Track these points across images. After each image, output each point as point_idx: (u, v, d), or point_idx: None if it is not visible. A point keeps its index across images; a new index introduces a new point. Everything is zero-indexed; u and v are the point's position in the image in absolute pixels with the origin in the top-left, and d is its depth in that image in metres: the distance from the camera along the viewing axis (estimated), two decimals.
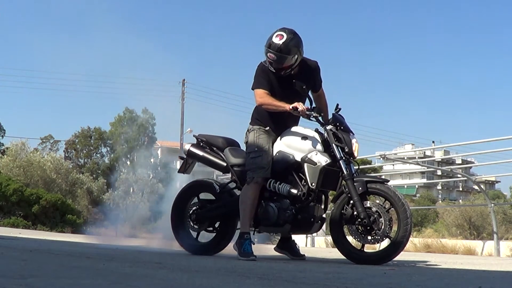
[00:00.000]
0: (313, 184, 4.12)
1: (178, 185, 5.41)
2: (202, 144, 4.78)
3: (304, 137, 4.25)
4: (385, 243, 4.08)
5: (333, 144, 4.11)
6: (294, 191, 4.19)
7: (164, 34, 69.64)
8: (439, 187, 63.09)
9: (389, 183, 4.13)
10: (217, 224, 4.63)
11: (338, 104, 4.37)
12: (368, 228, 3.95)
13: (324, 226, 5.82)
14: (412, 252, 7.90)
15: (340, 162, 4.07)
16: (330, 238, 7.95)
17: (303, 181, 4.19)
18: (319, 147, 4.19)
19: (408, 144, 54.55)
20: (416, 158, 30.10)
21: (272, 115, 4.37)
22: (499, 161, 10.02)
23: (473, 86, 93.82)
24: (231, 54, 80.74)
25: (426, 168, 25.78)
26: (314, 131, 4.29)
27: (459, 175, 11.61)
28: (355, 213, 3.98)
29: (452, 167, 12.72)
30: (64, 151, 36.74)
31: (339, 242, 4.14)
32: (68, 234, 15.70)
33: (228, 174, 4.95)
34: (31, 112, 65.90)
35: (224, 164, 4.60)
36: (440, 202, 45.79)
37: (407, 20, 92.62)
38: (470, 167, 43.18)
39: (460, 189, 65.46)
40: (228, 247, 4.50)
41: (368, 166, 16.31)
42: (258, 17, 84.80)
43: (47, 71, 72.59)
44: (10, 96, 63.50)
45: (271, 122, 4.40)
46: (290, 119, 4.34)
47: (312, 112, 4.20)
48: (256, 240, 6.49)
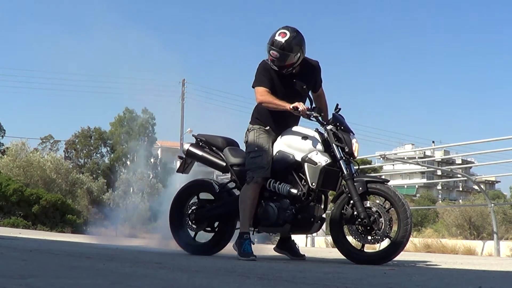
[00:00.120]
0: (313, 184, 4.12)
1: (178, 185, 5.40)
2: (201, 143, 4.76)
3: (305, 137, 4.24)
4: (385, 243, 4.08)
5: (333, 144, 4.11)
6: (294, 191, 4.18)
7: (164, 34, 69.67)
8: (439, 187, 63.10)
9: (389, 183, 4.13)
10: (216, 224, 4.62)
11: (338, 104, 4.37)
12: (368, 228, 3.95)
13: (324, 226, 5.82)
14: (412, 252, 7.90)
15: (340, 162, 4.07)
16: (330, 238, 7.94)
17: (303, 181, 4.18)
18: (319, 147, 4.19)
19: (408, 144, 54.58)
20: (416, 158, 30.11)
21: (273, 114, 4.36)
22: (499, 161, 10.03)
23: (473, 86, 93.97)
24: (231, 54, 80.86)
25: (426, 168, 25.79)
26: (314, 131, 4.28)
27: (459, 175, 11.62)
28: (355, 213, 3.97)
29: (452, 167, 12.73)
30: (64, 151, 36.74)
31: (339, 242, 4.14)
32: (68, 234, 15.70)
33: (228, 174, 4.94)
34: (31, 112, 66.02)
35: (224, 164, 4.59)
36: (440, 202, 45.79)
37: (407, 20, 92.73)
38: (470, 167, 43.22)
39: (460, 189, 65.48)
40: (228, 247, 4.49)
41: (368, 166, 16.31)
42: (258, 17, 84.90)
43: (47, 71, 72.76)
44: (10, 96, 63.58)
45: (271, 122, 4.39)
46: (290, 118, 4.34)
47: (313, 112, 4.20)
48: (256, 240, 6.50)
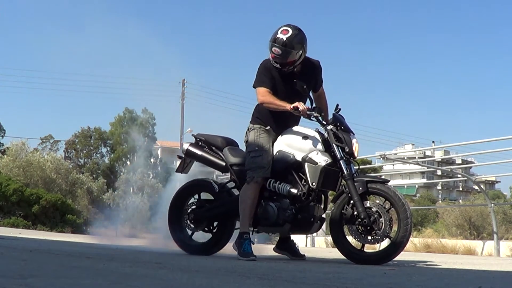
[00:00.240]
0: (313, 183, 4.11)
1: (177, 184, 5.40)
2: (200, 143, 4.76)
3: (305, 136, 4.24)
4: (385, 243, 4.08)
5: (333, 144, 4.11)
6: (294, 190, 4.18)
7: (164, 34, 69.67)
8: (439, 187, 63.09)
9: (389, 183, 4.13)
10: (215, 224, 4.61)
11: (338, 104, 4.37)
12: (368, 228, 3.95)
13: (324, 226, 5.81)
14: (412, 252, 7.90)
15: (341, 162, 4.07)
16: (330, 238, 7.94)
17: (303, 180, 4.18)
18: (319, 146, 4.19)
19: (408, 144, 54.57)
20: (416, 158, 30.10)
21: (273, 114, 4.36)
22: (499, 161, 10.03)
23: (473, 86, 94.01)
24: (231, 54, 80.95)
25: (426, 168, 25.78)
26: (315, 131, 4.28)
27: (459, 175, 11.62)
28: (355, 213, 3.97)
29: (452, 167, 12.73)
30: (64, 151, 36.71)
31: (339, 242, 4.14)
32: (68, 234, 15.69)
33: (227, 174, 4.93)
34: (31, 112, 66.04)
35: (223, 164, 4.59)
36: (440, 202, 45.76)
37: (407, 20, 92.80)
38: (470, 167, 43.21)
39: (460, 189, 65.48)
40: (228, 247, 4.49)
41: (368, 166, 16.30)
42: (258, 17, 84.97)
43: (47, 71, 72.68)
44: (10, 96, 63.57)
45: (272, 121, 4.39)
46: (291, 118, 4.33)
47: (313, 112, 4.20)
48: (256, 240, 6.49)
